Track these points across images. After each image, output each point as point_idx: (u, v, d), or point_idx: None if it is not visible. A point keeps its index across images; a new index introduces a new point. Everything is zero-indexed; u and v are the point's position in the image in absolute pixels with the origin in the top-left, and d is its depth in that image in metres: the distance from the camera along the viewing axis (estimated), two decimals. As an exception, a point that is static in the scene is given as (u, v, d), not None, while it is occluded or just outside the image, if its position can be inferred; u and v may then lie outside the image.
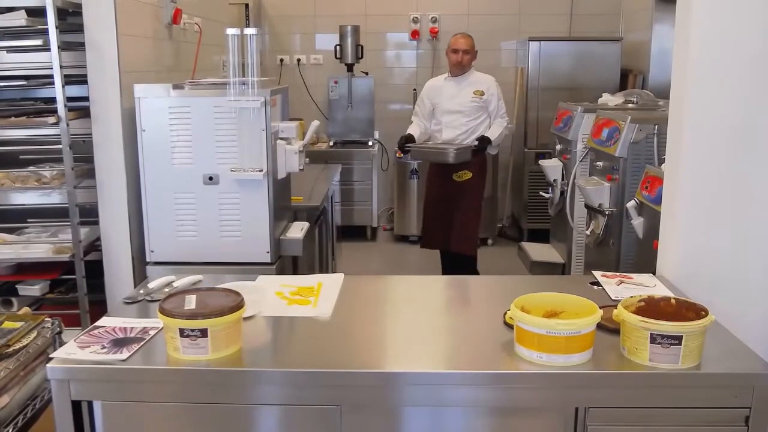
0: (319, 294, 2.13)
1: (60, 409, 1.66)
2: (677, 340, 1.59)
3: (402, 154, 5.10)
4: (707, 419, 1.62)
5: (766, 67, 2.07)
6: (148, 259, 2.91)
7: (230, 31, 2.72)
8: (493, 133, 4.42)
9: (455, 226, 4.50)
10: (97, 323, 1.89)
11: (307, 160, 3.10)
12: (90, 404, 1.67)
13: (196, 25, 3.83)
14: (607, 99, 4.68)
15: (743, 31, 2.06)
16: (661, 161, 2.99)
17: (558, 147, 4.79)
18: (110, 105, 2.87)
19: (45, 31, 2.70)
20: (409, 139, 4.47)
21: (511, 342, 1.71)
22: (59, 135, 2.79)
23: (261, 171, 2.76)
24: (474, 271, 4.60)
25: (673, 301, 1.76)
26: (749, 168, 2.12)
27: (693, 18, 2.08)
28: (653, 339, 1.60)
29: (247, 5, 5.93)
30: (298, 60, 6.53)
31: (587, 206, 3.88)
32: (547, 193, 4.82)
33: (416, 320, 1.95)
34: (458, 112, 4.46)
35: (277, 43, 6.54)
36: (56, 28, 2.69)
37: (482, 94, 4.42)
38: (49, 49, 2.71)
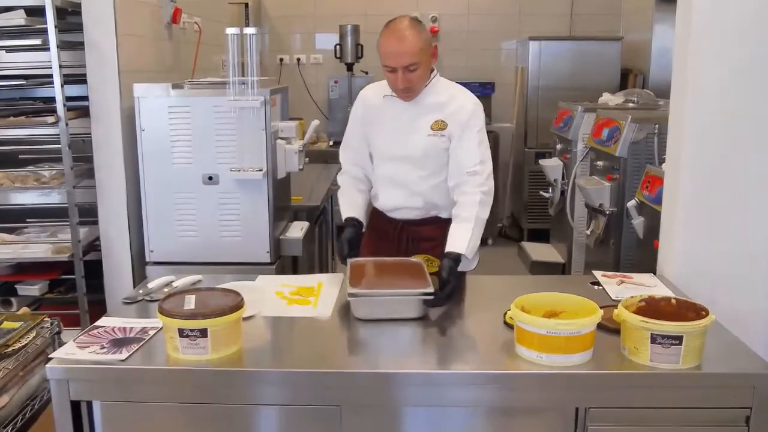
0: (319, 294, 2.13)
1: (59, 409, 1.66)
2: (678, 340, 1.58)
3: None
4: (707, 419, 1.61)
5: (766, 67, 2.07)
6: (147, 259, 2.90)
7: (230, 30, 2.72)
8: (463, 239, 2.17)
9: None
10: (97, 323, 1.89)
11: (307, 159, 3.10)
12: (89, 404, 1.67)
13: (196, 24, 3.82)
14: (608, 99, 4.68)
15: (743, 30, 2.06)
16: (662, 161, 2.99)
17: (558, 147, 4.79)
18: (110, 105, 2.86)
19: (44, 31, 2.70)
20: (352, 241, 2.32)
21: (511, 342, 1.71)
22: (58, 135, 2.78)
23: (261, 171, 2.76)
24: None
25: (673, 301, 1.76)
26: (749, 168, 2.12)
27: (693, 17, 2.08)
28: (654, 339, 1.60)
29: (247, 5, 5.92)
30: (298, 59, 6.52)
31: (587, 206, 3.87)
32: (547, 192, 4.82)
33: (416, 320, 1.94)
34: (405, 160, 2.36)
35: (277, 43, 6.53)
36: (55, 27, 2.69)
37: (444, 125, 2.32)
38: (48, 49, 2.70)
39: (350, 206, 2.41)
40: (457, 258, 2.11)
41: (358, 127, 2.45)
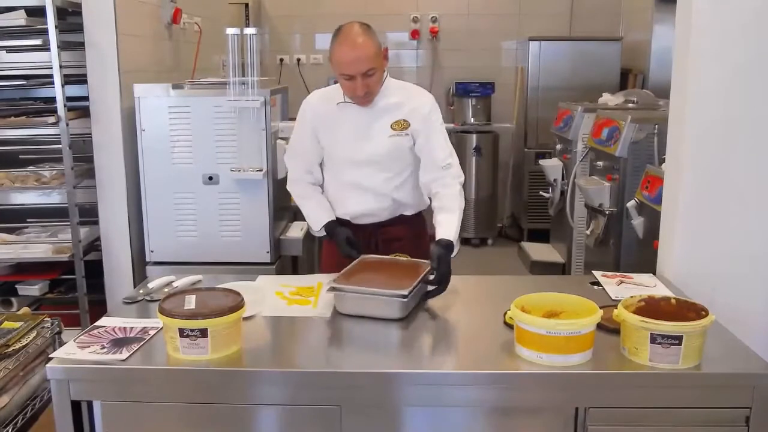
0: (318, 294, 2.13)
1: (60, 409, 1.66)
2: (677, 340, 1.59)
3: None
4: (707, 419, 1.61)
5: (766, 67, 2.07)
6: (147, 259, 2.91)
7: (230, 30, 2.72)
8: (451, 227, 2.23)
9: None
10: (97, 323, 1.89)
11: (307, 159, 3.10)
12: (90, 404, 1.67)
13: (196, 24, 3.83)
14: (607, 99, 4.67)
15: (743, 30, 2.06)
16: (662, 161, 2.99)
17: (558, 147, 4.78)
18: (110, 105, 2.87)
19: (45, 31, 2.70)
20: (351, 238, 2.32)
21: (511, 342, 1.71)
22: (59, 135, 2.79)
23: (261, 171, 2.76)
24: None
25: (673, 301, 1.76)
26: (749, 168, 2.12)
27: (693, 17, 2.08)
28: (653, 339, 1.60)
29: (247, 5, 5.92)
30: (298, 60, 6.52)
31: (587, 206, 3.87)
32: (547, 193, 4.82)
33: (416, 320, 1.94)
34: (368, 164, 2.34)
35: (277, 43, 6.53)
36: (56, 27, 2.69)
37: (406, 125, 2.32)
38: (48, 49, 2.71)
39: (324, 210, 2.39)
40: (447, 245, 2.14)
41: (308, 136, 2.39)
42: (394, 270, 2.11)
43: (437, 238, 2.18)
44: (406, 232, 2.42)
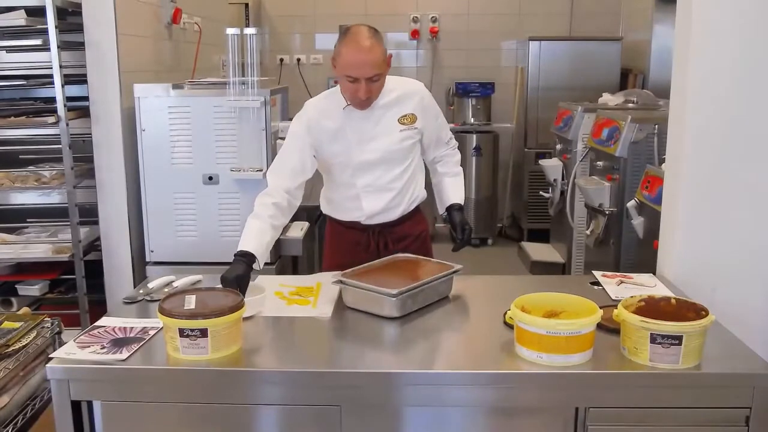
0: (318, 294, 2.13)
1: (60, 409, 1.66)
2: (677, 340, 1.59)
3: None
4: (707, 419, 1.61)
5: (766, 67, 2.07)
6: (147, 259, 2.91)
7: (230, 30, 2.73)
8: (460, 191, 2.53)
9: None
10: (97, 323, 1.89)
11: (307, 159, 3.10)
12: (90, 404, 1.67)
13: (196, 24, 3.83)
14: (607, 99, 4.68)
15: (744, 30, 2.06)
16: (662, 161, 2.99)
17: (558, 147, 4.79)
18: (110, 105, 2.87)
19: (45, 31, 2.70)
20: (242, 279, 2.01)
21: (511, 342, 1.71)
22: (59, 135, 2.79)
23: (261, 171, 2.76)
24: None
25: (673, 301, 1.76)
26: (749, 168, 2.12)
27: (693, 17, 2.08)
28: (653, 339, 1.60)
29: (247, 5, 5.92)
30: (298, 60, 6.52)
31: (587, 206, 3.87)
32: (547, 193, 4.82)
33: (416, 320, 1.94)
34: (382, 162, 2.36)
35: (277, 43, 6.53)
36: (56, 27, 2.69)
37: (414, 119, 2.36)
38: (48, 49, 2.71)
39: (256, 239, 2.16)
40: (460, 207, 2.46)
41: (305, 152, 2.31)
42: (414, 269, 2.11)
43: (451, 202, 2.48)
44: (410, 232, 2.48)
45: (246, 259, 2.08)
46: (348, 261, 2.25)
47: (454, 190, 2.50)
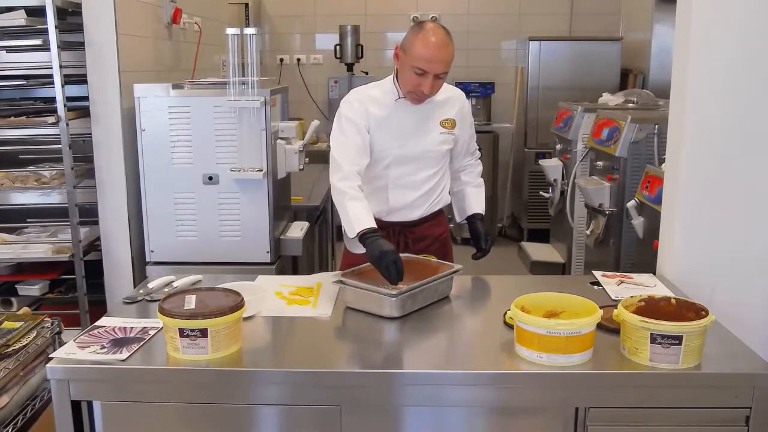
0: (318, 294, 2.13)
1: (60, 409, 1.66)
2: (677, 340, 1.59)
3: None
4: (707, 419, 1.61)
5: (766, 67, 2.07)
6: (147, 259, 2.91)
7: (230, 30, 2.72)
8: (481, 201, 2.59)
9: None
10: (97, 323, 1.89)
11: (307, 159, 3.10)
12: (90, 404, 1.67)
13: (196, 24, 3.83)
14: (607, 99, 4.68)
15: (744, 29, 2.06)
16: (662, 161, 2.99)
17: (558, 147, 4.79)
18: (110, 105, 2.87)
19: (44, 31, 2.70)
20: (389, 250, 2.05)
21: (511, 342, 1.71)
22: (59, 135, 2.79)
23: (261, 171, 2.76)
24: None
25: (673, 301, 1.76)
26: (749, 167, 2.12)
27: (693, 17, 2.08)
28: (653, 339, 1.60)
29: (247, 5, 5.92)
30: (298, 60, 6.52)
31: (587, 206, 3.87)
32: (547, 193, 4.82)
33: (416, 320, 1.94)
34: (417, 160, 2.40)
35: (277, 43, 6.53)
36: (56, 27, 2.69)
37: (453, 124, 2.42)
38: (48, 49, 2.71)
39: (369, 216, 2.18)
40: (482, 217, 2.52)
41: (362, 132, 2.32)
42: (414, 269, 2.09)
43: (474, 211, 2.53)
44: (430, 233, 2.51)
45: (378, 233, 2.12)
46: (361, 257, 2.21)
47: (477, 200, 2.56)
